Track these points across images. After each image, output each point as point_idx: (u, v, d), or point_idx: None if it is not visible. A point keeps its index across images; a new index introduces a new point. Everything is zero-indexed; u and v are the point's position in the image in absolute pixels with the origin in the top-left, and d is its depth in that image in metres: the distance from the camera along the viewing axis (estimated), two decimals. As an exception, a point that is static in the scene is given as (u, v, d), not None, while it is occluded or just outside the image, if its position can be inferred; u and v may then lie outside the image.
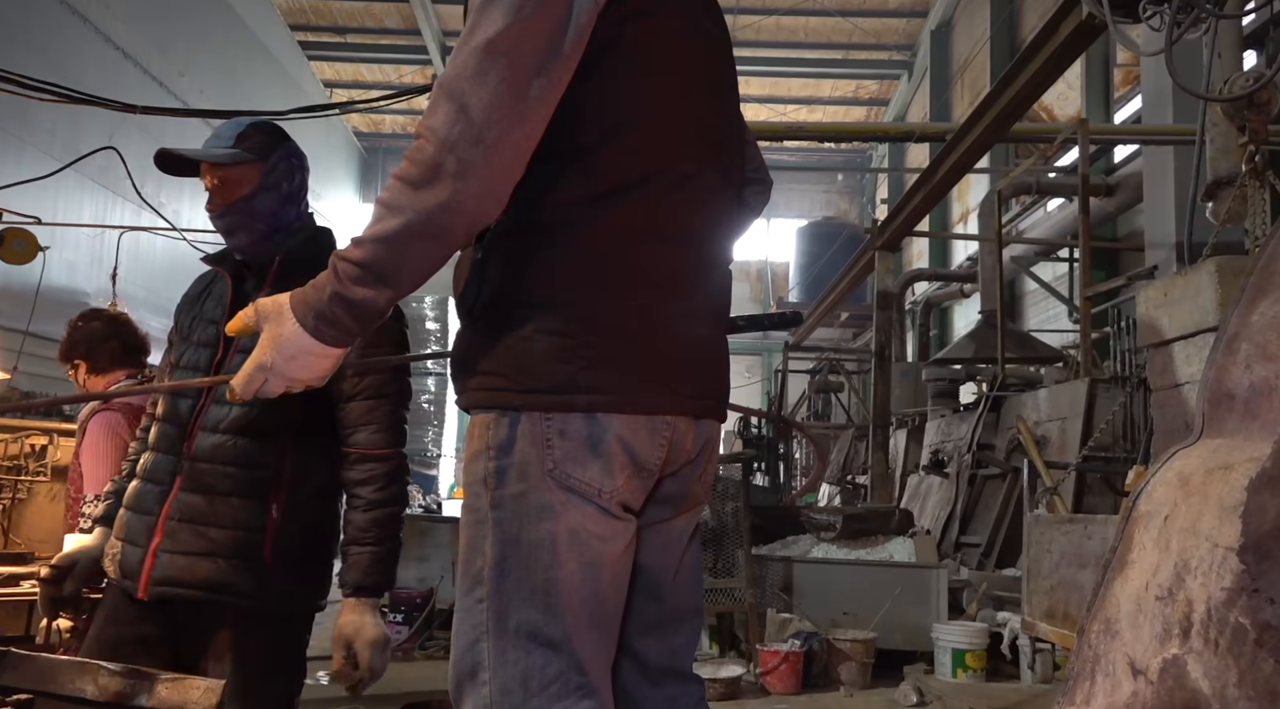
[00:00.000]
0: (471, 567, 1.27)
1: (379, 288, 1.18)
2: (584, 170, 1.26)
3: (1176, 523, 1.37)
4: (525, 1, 1.19)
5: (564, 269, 1.25)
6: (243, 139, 1.92)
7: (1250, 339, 1.41)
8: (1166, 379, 2.22)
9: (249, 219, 1.90)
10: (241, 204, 1.89)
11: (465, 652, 1.26)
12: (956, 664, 4.86)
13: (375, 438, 1.85)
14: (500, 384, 1.26)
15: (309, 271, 1.66)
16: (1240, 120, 3.76)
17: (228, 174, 1.89)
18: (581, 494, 1.25)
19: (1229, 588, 1.21)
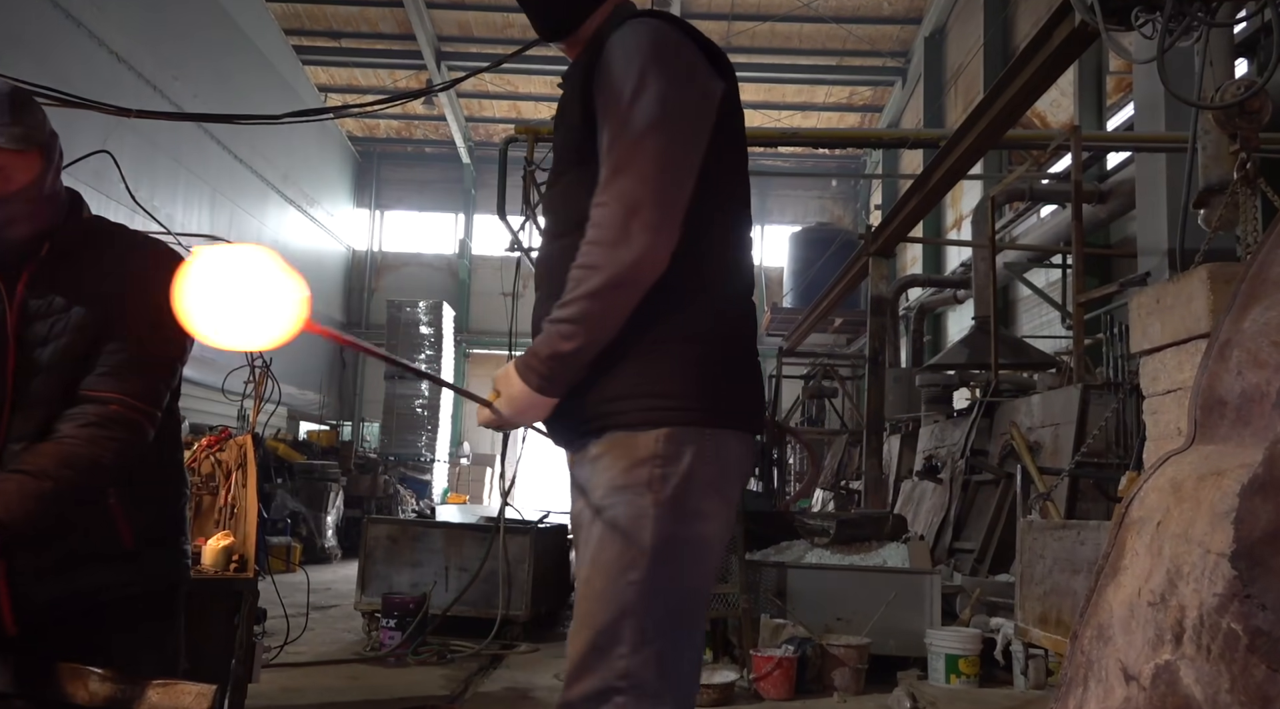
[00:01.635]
0: (625, 553, 1.47)
1: (587, 339, 1.46)
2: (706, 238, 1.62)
3: (1169, 529, 1.37)
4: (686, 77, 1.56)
5: (704, 317, 1.56)
6: (16, 110, 1.61)
7: (1242, 346, 1.42)
8: (1158, 385, 2.23)
9: (34, 207, 1.65)
10: (31, 191, 1.63)
11: (605, 627, 1.45)
12: (950, 670, 4.86)
13: (98, 381, 1.65)
14: (672, 405, 1.52)
15: (78, 258, 1.70)
16: (1232, 128, 3.77)
17: (9, 160, 1.59)
18: (727, 504, 1.56)
19: (1221, 594, 1.22)
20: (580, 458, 1.58)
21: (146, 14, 12.25)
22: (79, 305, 1.67)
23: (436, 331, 18.78)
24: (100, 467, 1.62)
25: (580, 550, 1.56)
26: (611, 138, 1.49)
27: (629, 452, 1.52)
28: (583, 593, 1.50)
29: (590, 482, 1.54)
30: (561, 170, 1.64)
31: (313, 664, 5.43)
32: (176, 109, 12.00)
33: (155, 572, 1.80)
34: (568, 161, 1.62)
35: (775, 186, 24.80)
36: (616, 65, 1.51)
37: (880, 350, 9.92)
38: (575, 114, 1.57)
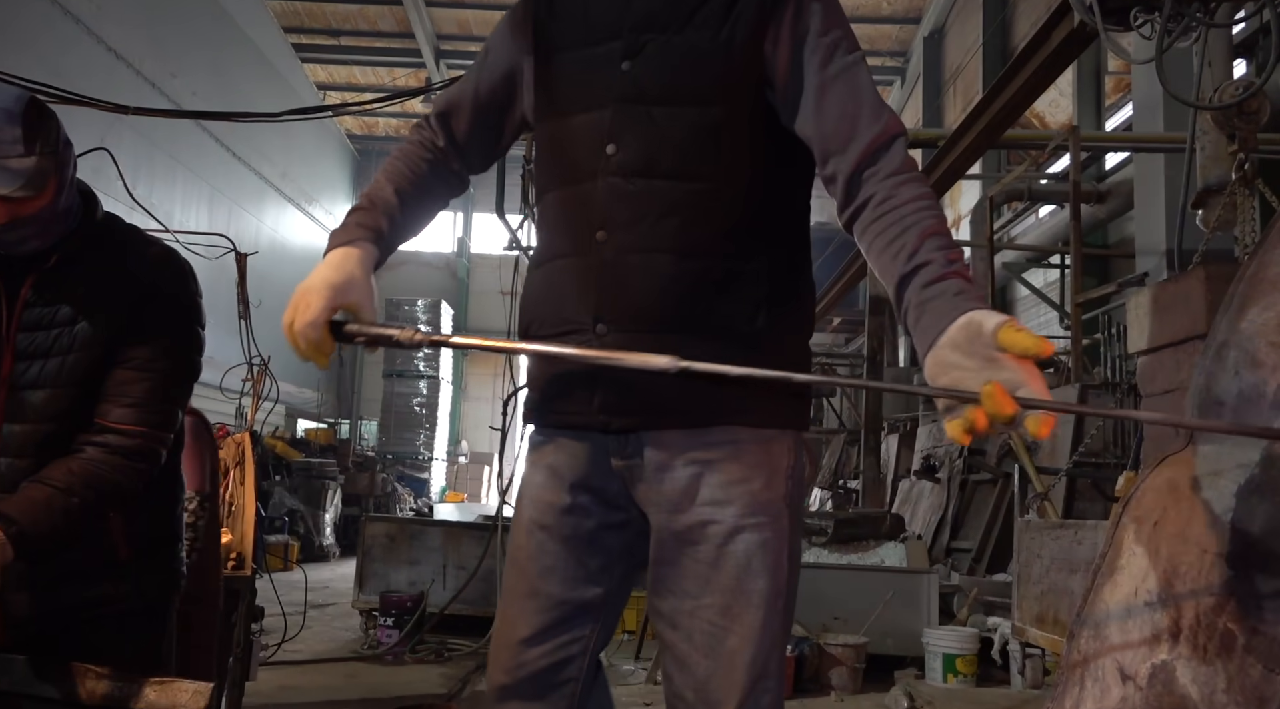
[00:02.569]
0: (775, 581, 1.35)
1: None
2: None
3: (1166, 529, 1.37)
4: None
5: (809, 311, 1.49)
6: (31, 134, 1.53)
7: (1239, 346, 1.42)
8: (1156, 386, 2.23)
9: (48, 225, 1.61)
10: (47, 212, 1.59)
11: (758, 663, 1.34)
12: (947, 669, 4.87)
13: (123, 413, 1.63)
14: (798, 409, 1.44)
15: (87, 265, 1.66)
16: (1230, 128, 3.78)
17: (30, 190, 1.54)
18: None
19: (1218, 594, 1.22)
20: (668, 453, 1.37)
21: (145, 11, 12.23)
22: (85, 320, 1.64)
23: (435, 330, 18.77)
24: (120, 492, 1.63)
25: (683, 570, 1.37)
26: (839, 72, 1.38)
27: (767, 458, 1.37)
28: (721, 626, 1.34)
29: (708, 490, 1.35)
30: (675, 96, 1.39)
31: (310, 662, 5.43)
32: (174, 106, 11.98)
33: (150, 584, 1.78)
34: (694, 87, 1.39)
35: (774, 186, 24.78)
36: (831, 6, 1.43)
37: (878, 350, 9.93)
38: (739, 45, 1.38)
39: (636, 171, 1.37)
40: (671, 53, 1.40)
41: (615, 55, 1.42)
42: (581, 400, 1.40)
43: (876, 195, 1.30)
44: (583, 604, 1.44)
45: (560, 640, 1.43)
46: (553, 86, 1.47)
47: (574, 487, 1.43)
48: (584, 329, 1.37)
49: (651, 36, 1.41)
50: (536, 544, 1.44)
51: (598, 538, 1.44)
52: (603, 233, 1.37)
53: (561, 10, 1.50)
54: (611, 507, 1.44)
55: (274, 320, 1.95)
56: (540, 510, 1.45)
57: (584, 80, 1.44)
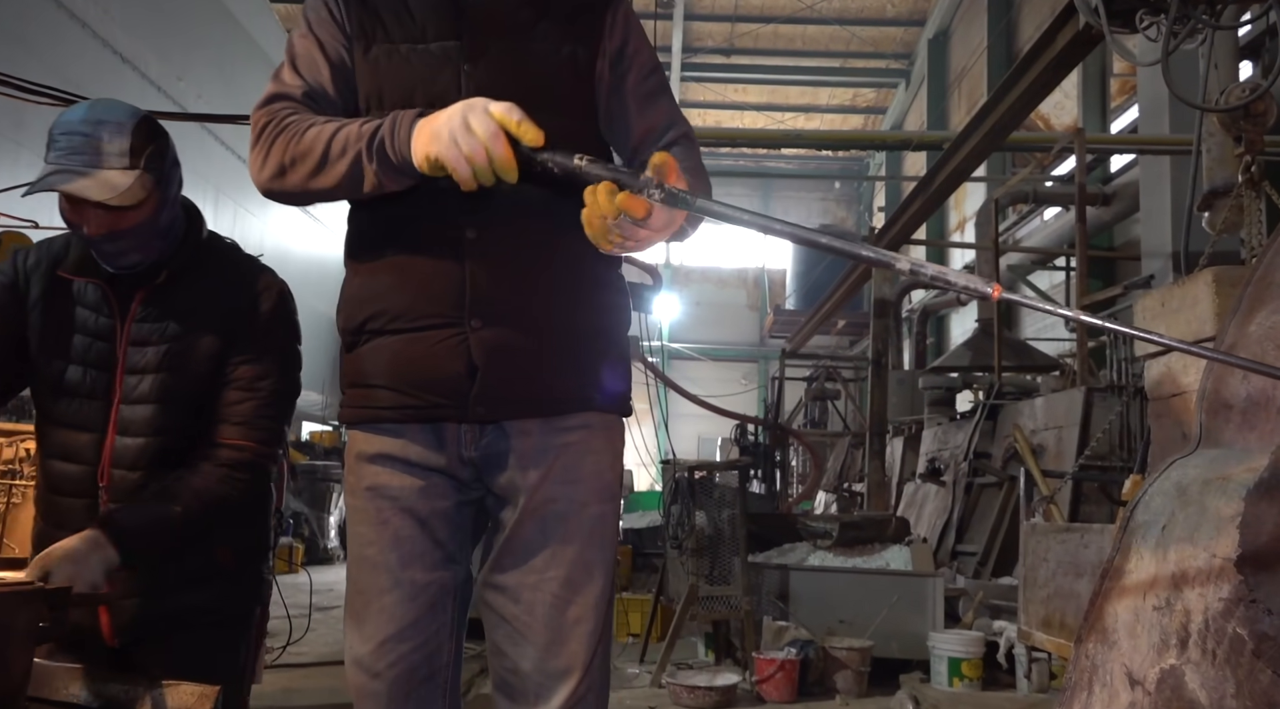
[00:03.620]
0: (610, 552, 1.45)
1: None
2: None
3: (1174, 533, 1.37)
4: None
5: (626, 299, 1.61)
6: (138, 148, 1.60)
7: (1248, 349, 1.42)
8: (1163, 389, 2.22)
9: (148, 239, 1.67)
10: (146, 226, 1.65)
11: (594, 631, 1.42)
12: (952, 673, 4.86)
13: (233, 430, 1.72)
14: (627, 397, 1.53)
15: (192, 283, 1.73)
16: (1236, 131, 3.77)
17: (124, 199, 1.59)
18: None
19: (1226, 598, 1.21)
20: (528, 438, 1.43)
21: (151, 15, 12.27)
22: (189, 336, 1.72)
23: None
24: (226, 503, 1.70)
25: (531, 545, 1.42)
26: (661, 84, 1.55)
27: (610, 442, 1.49)
28: (563, 597, 1.41)
29: (563, 471, 1.43)
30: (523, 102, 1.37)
31: (315, 665, 5.43)
32: (180, 109, 12.02)
33: (240, 594, 1.84)
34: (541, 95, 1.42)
35: (778, 188, 24.80)
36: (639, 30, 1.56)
37: (883, 352, 9.91)
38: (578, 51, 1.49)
39: None
40: (517, 61, 1.45)
41: (452, 55, 1.44)
42: (444, 394, 1.41)
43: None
44: (443, 586, 1.46)
45: (431, 629, 1.44)
46: (382, 78, 1.46)
47: (427, 470, 1.45)
48: (455, 323, 1.40)
49: (493, 41, 1.44)
50: (392, 533, 1.44)
51: (454, 515, 1.48)
52: (473, 231, 1.41)
53: (374, 3, 1.49)
54: (462, 487, 1.48)
55: (278, 323, 1.96)
56: (393, 496, 1.45)
57: (421, 76, 1.44)
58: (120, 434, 1.71)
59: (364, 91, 1.48)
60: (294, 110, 1.44)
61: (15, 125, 9.04)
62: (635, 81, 1.51)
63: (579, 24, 1.49)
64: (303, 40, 1.50)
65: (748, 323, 24.20)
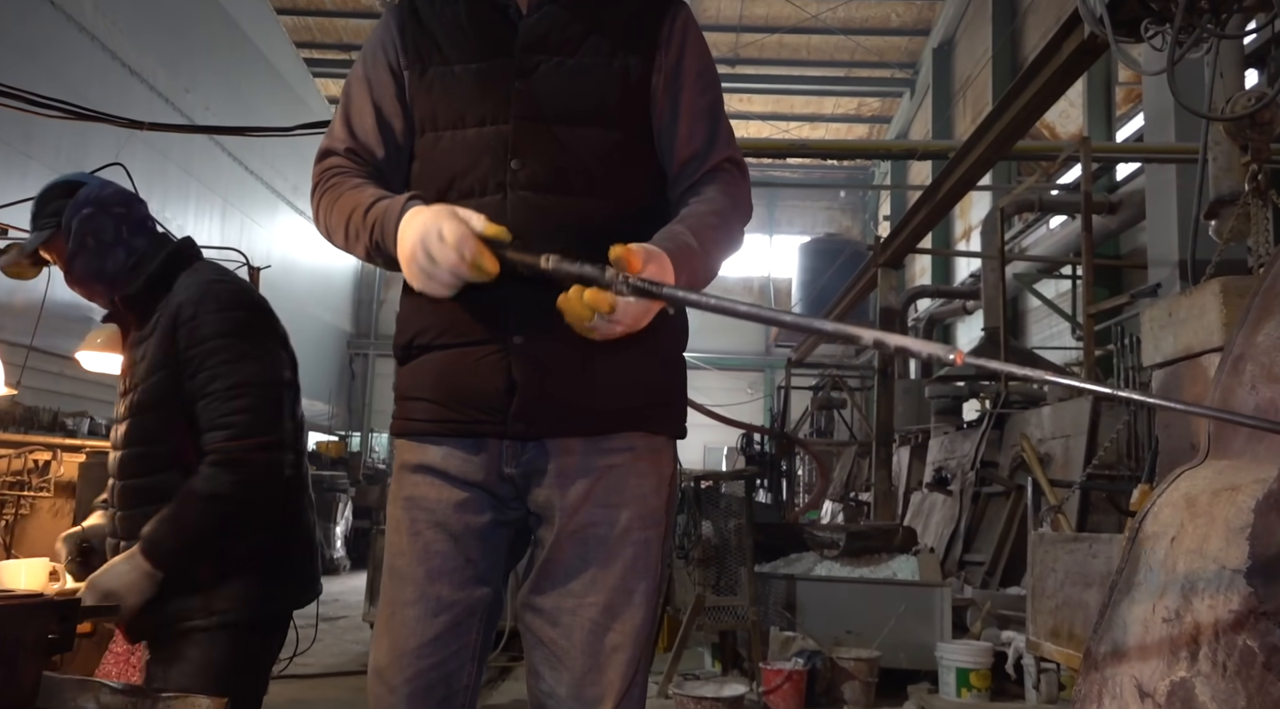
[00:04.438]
0: (654, 580, 1.43)
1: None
2: None
3: (1183, 544, 1.36)
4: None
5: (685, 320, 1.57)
6: (38, 215, 1.94)
7: (1256, 360, 1.41)
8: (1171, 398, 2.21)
9: (83, 284, 1.94)
10: (70, 275, 1.94)
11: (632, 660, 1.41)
12: (961, 684, 4.83)
13: (208, 437, 1.82)
14: (680, 419, 1.52)
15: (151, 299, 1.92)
16: (1242, 139, 3.76)
17: (48, 252, 1.94)
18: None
19: (1237, 610, 1.21)
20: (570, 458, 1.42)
21: (159, 27, 12.34)
22: (147, 355, 1.88)
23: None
24: (218, 497, 1.78)
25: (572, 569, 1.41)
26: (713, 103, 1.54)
27: (657, 465, 1.46)
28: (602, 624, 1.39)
29: (605, 493, 1.41)
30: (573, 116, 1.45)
31: (321, 676, 5.42)
32: (188, 121, 12.07)
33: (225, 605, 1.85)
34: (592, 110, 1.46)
35: (784, 197, 24.82)
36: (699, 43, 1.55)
37: (889, 361, 9.90)
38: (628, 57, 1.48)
39: (546, 186, 1.41)
40: (566, 75, 1.45)
41: (506, 73, 1.45)
42: (483, 410, 1.41)
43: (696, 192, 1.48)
44: (471, 606, 1.43)
45: (452, 648, 1.42)
46: (436, 99, 1.48)
47: (466, 485, 1.44)
48: (498, 339, 1.40)
49: (543, 58, 1.45)
50: (423, 545, 1.43)
51: (489, 534, 1.45)
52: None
53: (431, 24, 1.51)
54: (502, 504, 1.46)
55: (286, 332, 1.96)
56: (429, 508, 1.44)
57: (473, 95, 1.45)
58: (115, 449, 1.92)
59: (419, 115, 1.50)
60: (338, 170, 1.49)
61: (24, 138, 9.09)
62: (689, 100, 1.49)
63: (633, 35, 1.48)
64: (357, 85, 1.54)
65: (753, 332, 24.17)
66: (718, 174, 1.48)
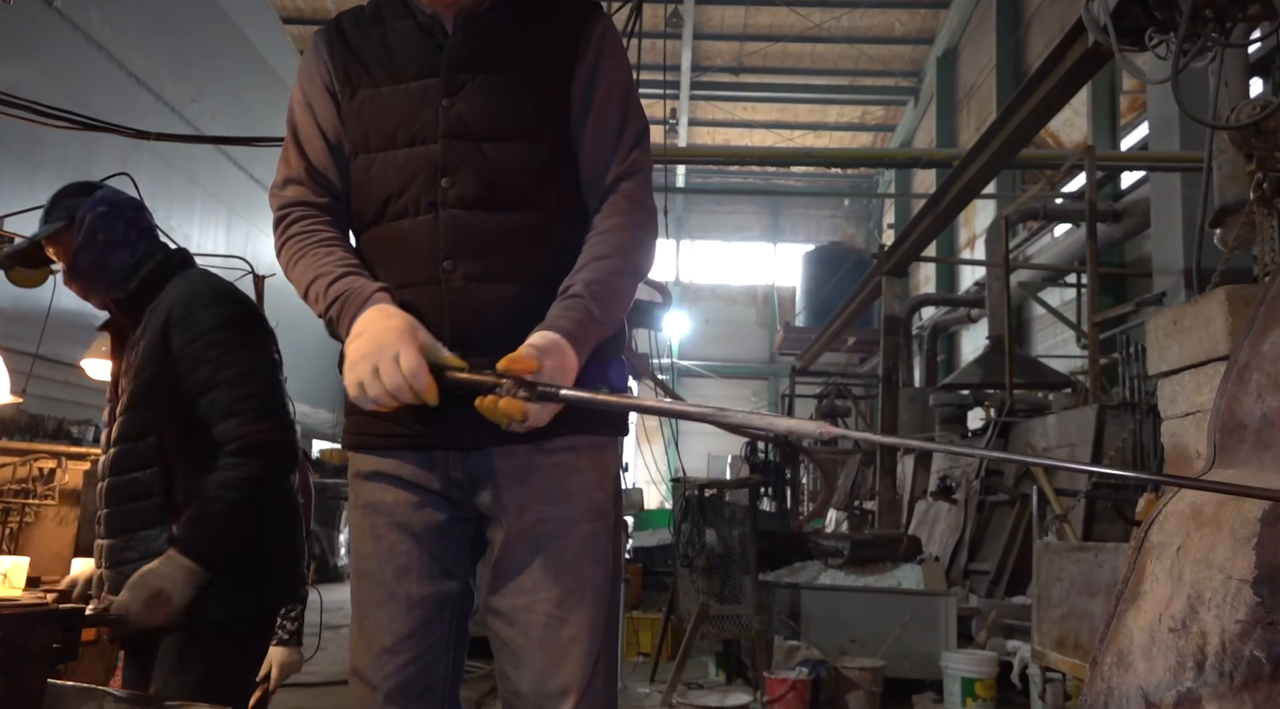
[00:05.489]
0: (605, 570, 1.46)
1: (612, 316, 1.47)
2: None
3: (1189, 554, 1.36)
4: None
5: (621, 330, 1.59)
6: (51, 210, 2.00)
7: (1261, 369, 1.41)
8: (1177, 408, 2.21)
9: (84, 279, 1.99)
10: (73, 269, 1.99)
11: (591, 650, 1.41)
12: (966, 693, 4.81)
13: (219, 430, 1.85)
14: (621, 418, 1.55)
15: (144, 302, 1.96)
16: (1247, 148, 3.75)
17: (54, 247, 2.00)
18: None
19: (1243, 620, 1.20)
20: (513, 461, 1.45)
21: (165, 37, 12.40)
22: (140, 358, 1.92)
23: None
24: (253, 481, 1.83)
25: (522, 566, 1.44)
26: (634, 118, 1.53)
27: (600, 462, 1.49)
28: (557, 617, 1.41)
29: (550, 491, 1.44)
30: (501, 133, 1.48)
31: (325, 684, 5.42)
32: (194, 130, 12.12)
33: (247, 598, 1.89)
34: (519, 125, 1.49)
35: (788, 206, 24.84)
36: (615, 51, 1.55)
37: (894, 370, 9.89)
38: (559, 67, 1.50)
39: (474, 204, 1.44)
40: (492, 92, 1.47)
41: (433, 92, 1.47)
42: (426, 423, 1.44)
43: (595, 223, 1.48)
44: (440, 599, 1.47)
45: (425, 644, 1.46)
46: (367, 122, 1.50)
47: (421, 488, 1.48)
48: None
49: (469, 76, 1.47)
50: (387, 547, 1.47)
51: (449, 530, 1.49)
52: (450, 262, 1.43)
53: (359, 47, 1.53)
54: (455, 504, 1.49)
55: (290, 341, 1.98)
56: (388, 512, 1.48)
57: (404, 116, 1.47)
58: (109, 448, 1.94)
59: (352, 137, 1.52)
60: (301, 216, 1.52)
61: (31, 147, 9.13)
62: (595, 114, 1.50)
63: (554, 48, 1.50)
64: (301, 111, 1.56)
65: (757, 340, 24.18)
66: (612, 197, 1.48)
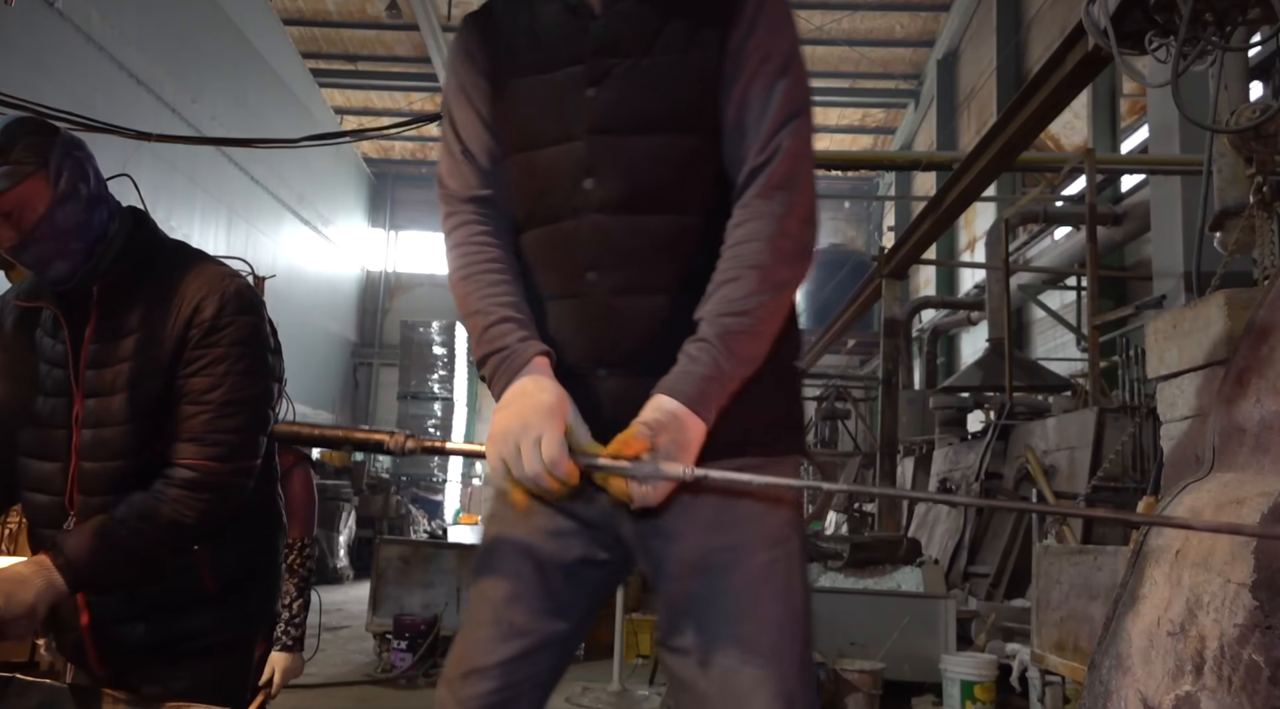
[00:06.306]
0: (790, 605, 1.31)
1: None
2: None
3: (1188, 558, 1.36)
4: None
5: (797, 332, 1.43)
6: (7, 152, 1.56)
7: (1260, 373, 1.41)
8: (1176, 411, 2.21)
9: (59, 242, 1.60)
10: (43, 227, 1.57)
11: (780, 694, 1.25)
12: (965, 696, 4.81)
13: (182, 447, 1.62)
14: (799, 436, 1.42)
15: (145, 296, 1.66)
16: (1247, 151, 3.75)
17: (12, 199, 1.55)
18: None
19: (1242, 624, 1.20)
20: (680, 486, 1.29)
21: (166, 38, 12.41)
22: (142, 352, 1.65)
23: (449, 352, 18.83)
24: (180, 526, 1.60)
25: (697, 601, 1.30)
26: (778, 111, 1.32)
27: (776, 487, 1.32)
28: (739, 658, 1.26)
29: (723, 518, 1.30)
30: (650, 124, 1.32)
31: (324, 686, 5.41)
32: (195, 131, 12.13)
33: (237, 617, 1.79)
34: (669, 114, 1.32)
35: (788, 208, 24.81)
36: (773, 22, 1.34)
37: (894, 372, 9.89)
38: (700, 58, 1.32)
39: (619, 207, 1.31)
40: (640, 78, 1.32)
41: (578, 82, 1.34)
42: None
43: (732, 225, 1.30)
44: (545, 638, 1.36)
45: (516, 676, 1.34)
46: (515, 117, 1.39)
47: (563, 513, 1.36)
48: (586, 373, 1.32)
49: (616, 61, 1.33)
50: (509, 568, 1.38)
51: (576, 570, 1.37)
52: (593, 274, 1.32)
53: (507, 32, 1.41)
54: (595, 542, 1.37)
55: (290, 343, 1.95)
56: (520, 532, 1.38)
57: (548, 110, 1.36)
58: (85, 460, 1.65)
59: (504, 133, 1.40)
60: (463, 219, 1.42)
61: (32, 147, 9.13)
62: (743, 84, 1.31)
63: (708, 20, 1.32)
64: (456, 96, 1.44)
65: (757, 342, 24.14)
66: (746, 194, 1.30)
